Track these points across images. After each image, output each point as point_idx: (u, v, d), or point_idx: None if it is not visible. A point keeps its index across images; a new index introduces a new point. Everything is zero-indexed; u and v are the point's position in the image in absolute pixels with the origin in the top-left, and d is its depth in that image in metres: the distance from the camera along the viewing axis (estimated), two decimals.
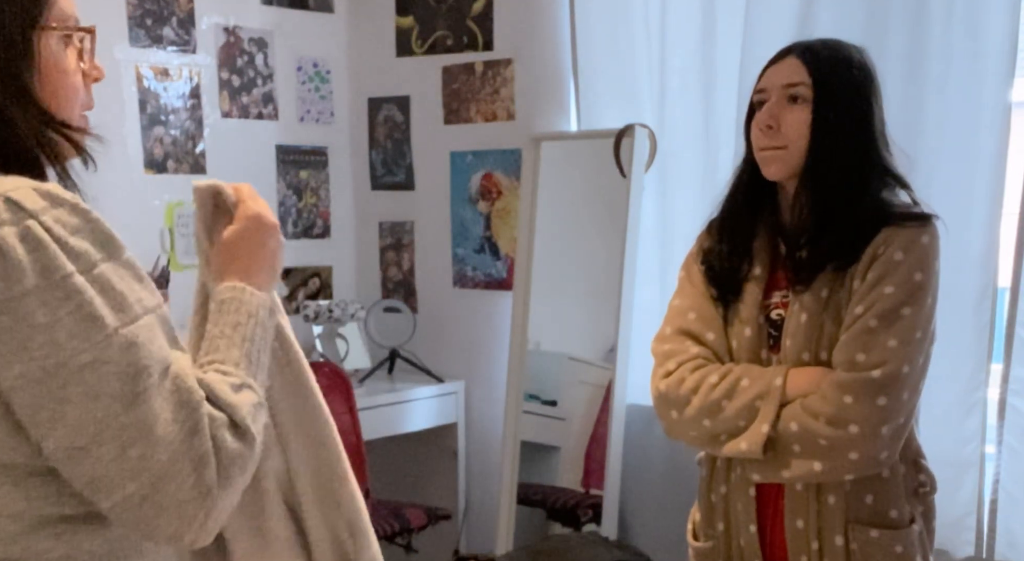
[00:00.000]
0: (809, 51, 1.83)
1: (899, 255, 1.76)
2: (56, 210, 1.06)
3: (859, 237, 1.79)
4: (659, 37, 3.39)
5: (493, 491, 3.74)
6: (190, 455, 1.05)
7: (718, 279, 1.92)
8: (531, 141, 3.66)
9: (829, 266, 1.81)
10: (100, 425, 1.02)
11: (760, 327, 1.87)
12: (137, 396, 1.03)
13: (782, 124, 1.81)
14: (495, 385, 3.84)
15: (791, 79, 1.81)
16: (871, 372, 1.73)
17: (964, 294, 2.83)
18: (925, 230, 1.80)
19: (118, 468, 1.03)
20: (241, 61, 3.89)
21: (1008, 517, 2.84)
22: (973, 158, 2.81)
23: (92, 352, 1.02)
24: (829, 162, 1.80)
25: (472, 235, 3.96)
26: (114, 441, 1.03)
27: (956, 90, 2.83)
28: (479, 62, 3.86)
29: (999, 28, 2.75)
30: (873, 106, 1.84)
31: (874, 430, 1.73)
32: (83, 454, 1.03)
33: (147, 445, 1.03)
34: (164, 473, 1.04)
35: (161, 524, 1.05)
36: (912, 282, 1.76)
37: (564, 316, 3.74)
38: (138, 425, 1.03)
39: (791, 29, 3.03)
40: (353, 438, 3.42)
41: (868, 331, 1.75)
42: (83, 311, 1.03)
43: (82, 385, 1.02)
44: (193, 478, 1.05)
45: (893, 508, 1.82)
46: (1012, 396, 2.81)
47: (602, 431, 3.47)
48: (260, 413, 1.16)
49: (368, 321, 4.05)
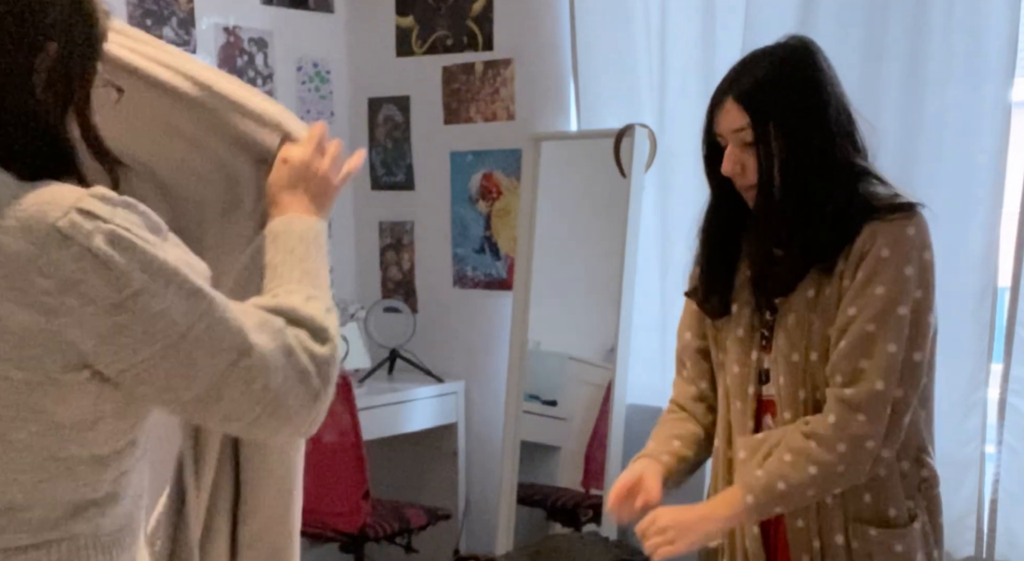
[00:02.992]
0: (743, 93, 1.80)
1: (886, 252, 1.74)
2: (120, 210, 1.15)
3: (840, 235, 1.78)
4: (659, 37, 3.39)
5: (493, 491, 3.74)
6: (295, 372, 1.22)
7: (703, 310, 1.97)
8: (531, 141, 3.66)
9: (812, 270, 1.80)
10: (226, 374, 1.18)
11: (753, 328, 1.88)
12: (246, 341, 1.19)
13: (745, 169, 1.82)
14: (495, 385, 3.84)
15: (734, 125, 1.81)
16: (876, 384, 1.73)
17: (964, 294, 2.83)
18: (910, 221, 1.77)
19: (246, 400, 1.20)
20: (241, 61, 3.89)
21: (1008, 517, 2.84)
22: (973, 158, 2.81)
23: (205, 319, 1.16)
24: (781, 188, 1.79)
25: (472, 235, 3.96)
26: (239, 382, 1.18)
27: (956, 90, 2.83)
28: (479, 62, 3.86)
29: (999, 28, 2.75)
30: (823, 112, 1.80)
31: (880, 437, 1.76)
32: (214, 400, 1.19)
33: (264, 376, 1.20)
34: (282, 392, 1.21)
35: (284, 429, 1.25)
36: (903, 278, 1.75)
37: (564, 316, 3.74)
38: (256, 364, 1.19)
39: (791, 29, 2.98)
40: (353, 438, 3.42)
41: (867, 337, 1.74)
42: (184, 288, 1.15)
43: (204, 348, 1.16)
44: (303, 389, 1.23)
45: (892, 506, 1.81)
46: (1012, 396, 2.81)
47: (602, 431, 3.47)
48: (331, 315, 1.32)
49: (368, 321, 4.05)
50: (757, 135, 1.78)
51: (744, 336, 1.88)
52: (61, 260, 1.09)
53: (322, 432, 3.82)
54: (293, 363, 1.22)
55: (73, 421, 1.16)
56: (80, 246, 1.09)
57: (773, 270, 1.84)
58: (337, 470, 3.45)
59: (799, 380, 1.82)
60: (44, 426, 1.15)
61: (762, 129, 1.78)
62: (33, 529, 1.17)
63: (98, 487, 1.21)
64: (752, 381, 1.88)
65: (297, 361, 1.22)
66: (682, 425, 2.00)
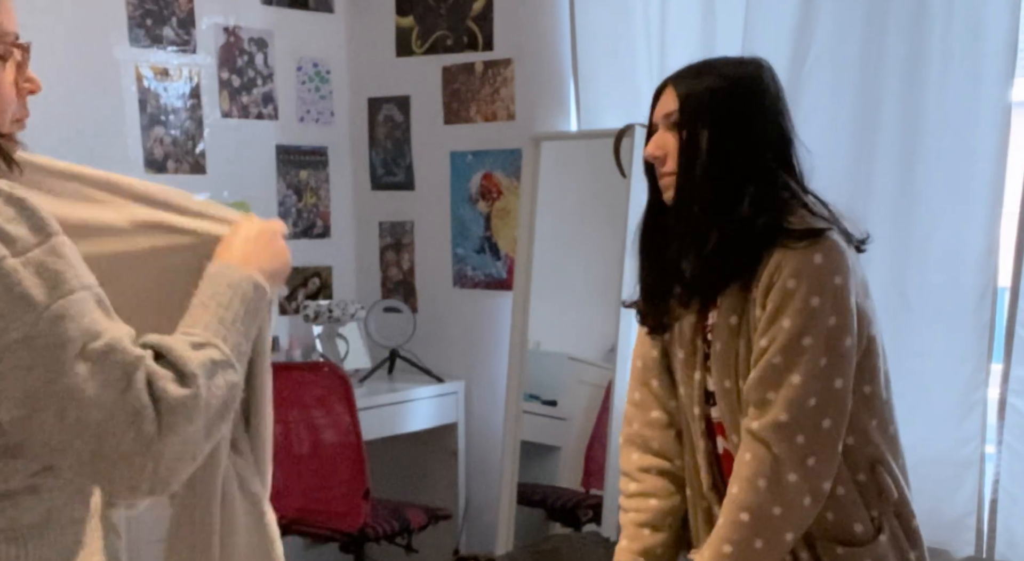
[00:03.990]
0: (678, 78, 1.83)
1: (791, 283, 1.72)
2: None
3: (746, 255, 1.76)
4: (659, 37, 3.39)
5: (493, 491, 3.74)
6: (125, 411, 1.10)
7: (644, 322, 1.95)
8: (531, 141, 3.67)
9: (733, 287, 1.78)
10: (37, 394, 1.09)
11: (695, 350, 1.86)
12: (65, 364, 1.09)
13: (667, 152, 1.82)
14: (495, 385, 3.84)
15: (668, 109, 1.82)
16: (779, 416, 1.71)
17: (964, 294, 2.84)
18: (817, 248, 1.73)
19: (60, 430, 1.09)
20: (241, 61, 3.89)
21: (1008, 517, 2.84)
22: (973, 158, 2.82)
23: (23, 329, 1.08)
24: (693, 180, 1.78)
25: (472, 235, 3.96)
26: (51, 408, 1.09)
27: (956, 90, 2.83)
28: (479, 62, 3.86)
29: (999, 28, 2.75)
30: (751, 121, 1.79)
31: (804, 468, 1.72)
32: (28, 422, 1.10)
33: (80, 408, 1.09)
34: (102, 430, 1.09)
35: (115, 476, 1.12)
36: (808, 309, 1.72)
37: (564, 316, 3.74)
38: (70, 390, 1.09)
39: (791, 29, 3.03)
40: (353, 438, 3.42)
41: (774, 369, 1.72)
42: (12, 292, 1.08)
43: (16, 360, 1.08)
44: (132, 432, 1.10)
45: (856, 522, 1.79)
46: (1012, 396, 2.81)
47: (602, 431, 3.48)
48: (220, 370, 1.19)
49: (368, 321, 4.05)
50: (683, 118, 1.78)
51: (686, 358, 1.87)
52: None
53: (322, 432, 3.82)
54: (125, 401, 1.10)
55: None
56: None
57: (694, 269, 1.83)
58: (337, 470, 3.45)
59: (735, 406, 1.80)
60: None
61: (689, 115, 1.78)
62: None
63: (6, 478, 1.16)
64: (697, 402, 1.86)
65: (133, 400, 1.10)
66: (645, 506, 1.96)
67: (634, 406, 2.00)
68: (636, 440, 1.99)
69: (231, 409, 1.22)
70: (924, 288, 2.87)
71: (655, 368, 1.97)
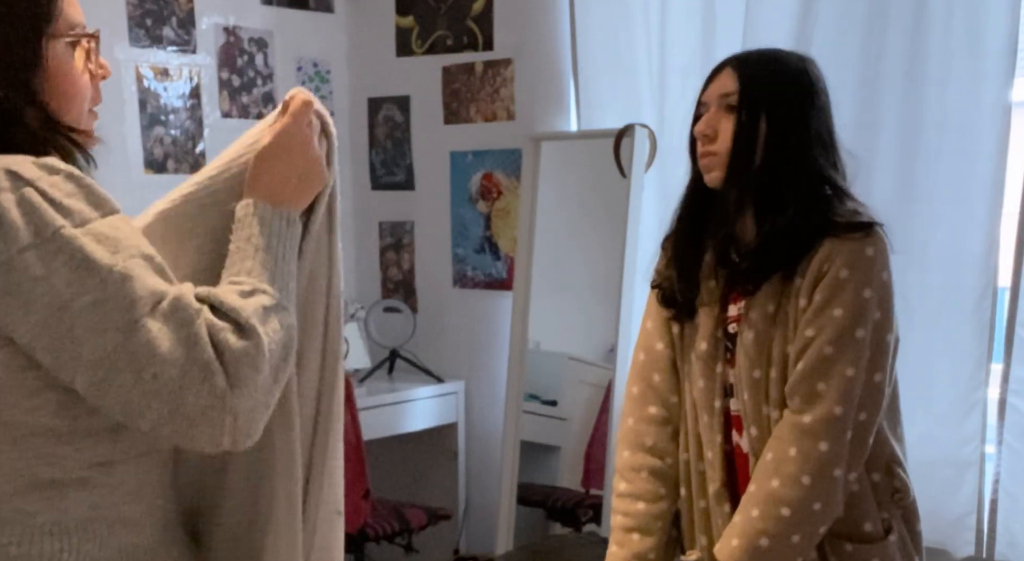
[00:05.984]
0: (741, 62, 1.84)
1: (844, 272, 1.72)
2: (52, 177, 1.13)
3: (798, 245, 1.76)
4: (659, 37, 3.39)
5: (493, 491, 3.74)
6: (197, 366, 1.11)
7: (670, 302, 1.92)
8: (531, 141, 3.67)
9: (774, 276, 1.78)
10: (113, 356, 1.10)
11: (717, 341, 1.85)
12: (136, 323, 1.11)
13: (719, 132, 1.81)
14: (495, 385, 3.84)
15: (725, 89, 1.82)
16: (833, 409, 1.71)
17: (964, 294, 2.83)
18: (869, 241, 1.75)
19: (140, 391, 1.11)
20: (241, 61, 3.89)
21: (1008, 517, 2.84)
22: (973, 158, 2.81)
23: (92, 294, 1.10)
24: (749, 164, 1.78)
25: (472, 235, 3.96)
26: (128, 368, 1.10)
27: (956, 90, 2.83)
28: (479, 62, 3.86)
29: (999, 28, 2.75)
30: (809, 114, 1.81)
31: (846, 464, 1.72)
32: (107, 385, 1.11)
33: (156, 365, 1.10)
34: (179, 386, 1.11)
35: (197, 433, 1.13)
36: (860, 300, 1.73)
37: (564, 316, 3.74)
38: (144, 349, 1.10)
39: (791, 29, 3.03)
40: (353, 438, 3.42)
41: (825, 360, 1.71)
42: (76, 259, 1.11)
43: (87, 324, 1.10)
44: (207, 387, 1.11)
45: (867, 521, 1.79)
46: (1012, 396, 2.81)
47: (602, 431, 3.48)
48: (274, 314, 1.20)
49: (368, 321, 4.05)
50: (743, 101, 1.78)
51: (708, 349, 1.85)
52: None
53: None
54: (195, 356, 1.11)
55: (7, 384, 1.14)
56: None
57: (735, 257, 1.82)
58: None
59: (762, 397, 1.79)
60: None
61: (750, 99, 1.78)
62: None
63: (54, 464, 1.17)
64: (718, 395, 1.84)
65: (201, 354, 1.11)
66: (633, 509, 1.95)
67: (631, 401, 1.98)
68: (629, 436, 1.97)
69: (292, 350, 1.22)
70: (924, 288, 2.86)
71: (659, 361, 1.95)
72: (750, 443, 1.82)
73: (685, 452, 1.92)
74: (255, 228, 1.25)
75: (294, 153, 1.32)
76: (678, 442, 1.94)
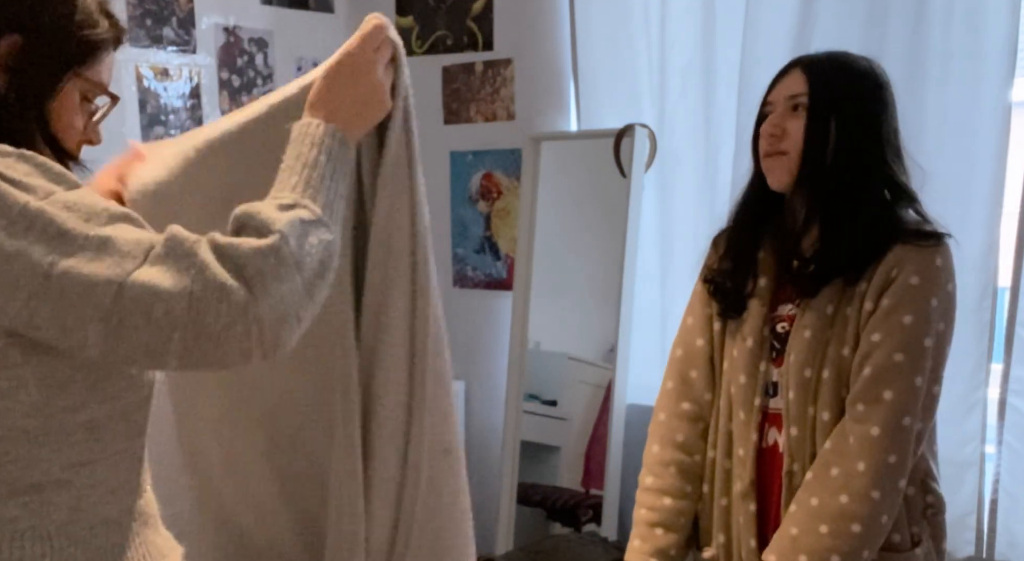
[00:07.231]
0: (812, 63, 1.83)
1: (915, 280, 1.72)
2: (4, 159, 1.13)
3: (866, 250, 1.75)
4: (659, 37, 3.39)
5: (493, 491, 3.74)
6: (208, 289, 1.09)
7: (721, 296, 1.92)
8: (531, 141, 3.67)
9: (836, 280, 1.77)
10: (113, 307, 1.08)
11: (763, 339, 1.84)
12: (130, 273, 1.09)
13: (786, 132, 1.81)
14: (495, 385, 3.84)
15: (793, 90, 1.81)
16: (902, 419, 1.70)
17: (964, 294, 2.81)
18: (939, 251, 1.75)
19: (156, 329, 1.09)
20: (241, 61, 3.89)
21: (1008, 517, 2.84)
22: (973, 158, 2.81)
23: (72, 258, 1.09)
24: (823, 166, 1.77)
25: (472, 235, 3.96)
26: (135, 312, 1.09)
27: (956, 90, 2.83)
28: (479, 62, 3.86)
29: (999, 28, 2.75)
30: (880, 116, 1.81)
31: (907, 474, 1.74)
32: (120, 335, 1.09)
33: (163, 301, 1.09)
34: (194, 312, 1.09)
35: (226, 351, 1.11)
36: (929, 309, 1.72)
37: (564, 316, 3.74)
38: (145, 292, 1.09)
39: (791, 29, 3.03)
40: None
41: (895, 367, 1.71)
42: (49, 231, 1.09)
43: (77, 286, 1.08)
44: (224, 304, 1.10)
45: (896, 532, 1.79)
46: (1012, 396, 2.81)
47: (602, 431, 3.47)
48: (312, 229, 1.17)
49: None
50: (814, 103, 1.77)
51: (754, 346, 1.85)
52: None
53: None
54: (204, 281, 1.10)
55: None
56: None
57: (801, 260, 1.81)
58: None
59: (810, 396, 1.78)
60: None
61: (821, 101, 1.77)
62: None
63: (32, 467, 1.16)
64: (759, 393, 1.84)
65: (211, 278, 1.10)
66: (659, 504, 1.95)
67: (665, 395, 1.99)
68: (660, 431, 1.98)
69: (329, 269, 1.20)
70: None
71: (698, 358, 1.95)
72: (788, 443, 1.80)
73: (712, 449, 1.92)
74: (305, 145, 1.24)
75: (358, 75, 1.32)
76: (707, 439, 1.94)
